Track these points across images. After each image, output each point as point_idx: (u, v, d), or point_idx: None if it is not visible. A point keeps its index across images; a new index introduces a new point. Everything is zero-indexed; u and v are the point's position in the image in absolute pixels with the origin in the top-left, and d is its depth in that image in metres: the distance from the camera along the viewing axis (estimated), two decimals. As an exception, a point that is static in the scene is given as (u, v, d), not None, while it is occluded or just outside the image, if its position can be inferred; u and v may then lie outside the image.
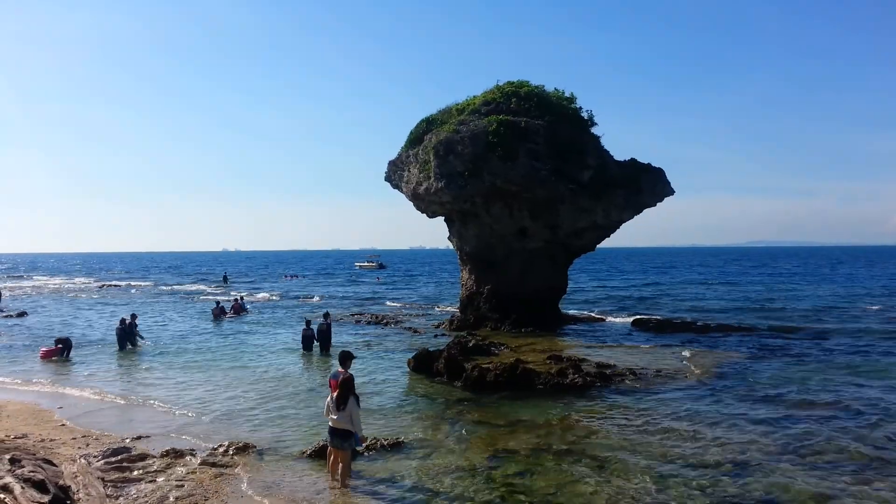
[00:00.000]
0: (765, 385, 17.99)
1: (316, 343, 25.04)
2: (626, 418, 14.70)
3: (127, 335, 26.14)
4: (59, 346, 24.03)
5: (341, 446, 10.47)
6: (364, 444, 11.93)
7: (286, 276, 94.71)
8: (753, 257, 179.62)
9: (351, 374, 10.87)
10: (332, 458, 10.82)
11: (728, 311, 39.85)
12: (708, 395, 16.84)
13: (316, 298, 53.83)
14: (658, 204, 31.89)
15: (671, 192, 31.90)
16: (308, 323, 26.04)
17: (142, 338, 26.78)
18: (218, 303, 41.02)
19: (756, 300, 47.08)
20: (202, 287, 72.13)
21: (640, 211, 31.46)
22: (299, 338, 25.65)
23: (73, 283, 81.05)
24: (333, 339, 25.56)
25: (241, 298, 45.17)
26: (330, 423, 10.53)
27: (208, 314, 39.58)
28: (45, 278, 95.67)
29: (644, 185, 30.84)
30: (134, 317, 27.71)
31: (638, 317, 35.67)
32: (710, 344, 25.88)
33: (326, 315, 26.96)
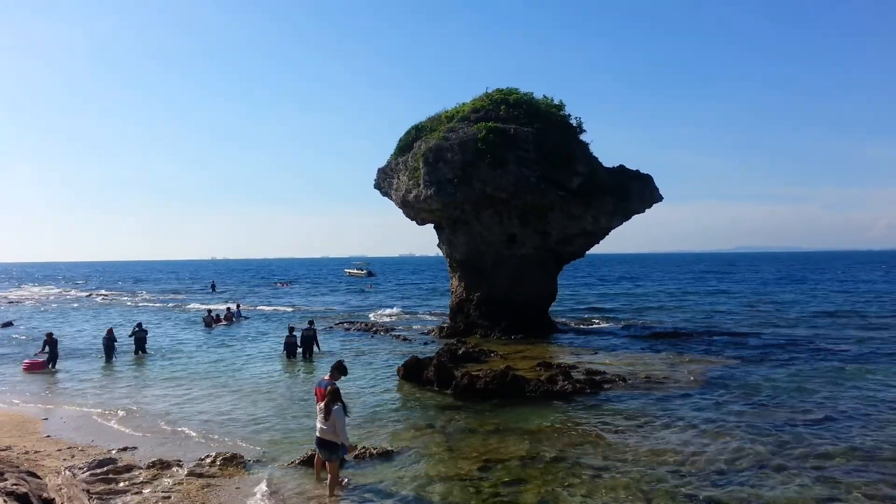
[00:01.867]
0: (754, 391, 18.02)
1: (299, 349, 25.27)
2: (615, 425, 14.68)
3: (137, 343, 26.87)
4: (45, 355, 23.69)
5: (328, 458, 10.40)
6: (353, 454, 11.83)
7: (278, 284, 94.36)
8: (743, 263, 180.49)
9: (336, 385, 10.72)
10: (318, 461, 10.92)
11: (719, 317, 40.00)
12: (697, 402, 16.85)
13: (280, 308, 52.65)
14: (646, 210, 32.02)
15: (659, 198, 32.04)
16: (291, 330, 26.13)
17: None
18: (210, 311, 41.02)
19: (747, 306, 47.28)
20: (189, 296, 71.70)
21: (629, 217, 31.57)
22: (283, 346, 25.70)
23: (61, 293, 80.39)
24: (323, 347, 25.67)
25: (238, 307, 45.40)
26: (317, 434, 10.47)
27: (195, 323, 39.36)
28: (34, 288, 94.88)
29: (633, 192, 30.96)
30: (140, 325, 28.06)
31: (628, 323, 35.75)
32: (700, 350, 25.93)
33: (311, 322, 27.15)
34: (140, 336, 27.10)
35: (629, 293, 64.36)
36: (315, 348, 25.47)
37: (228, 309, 43.07)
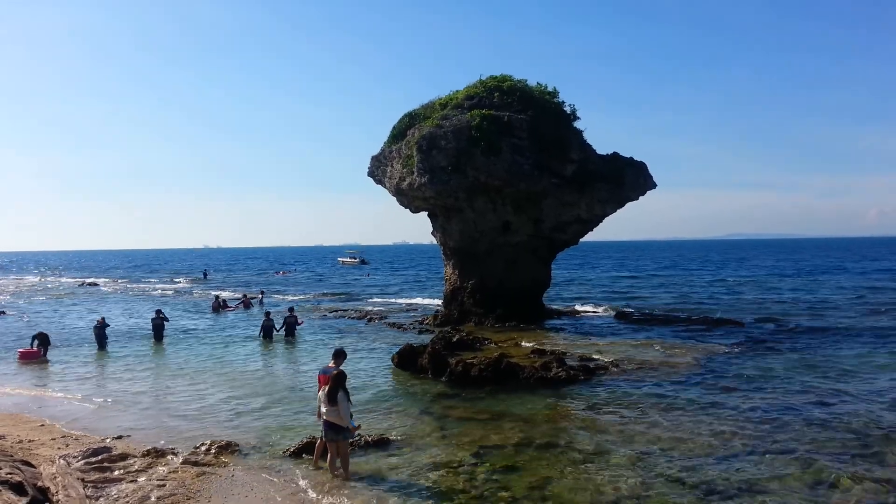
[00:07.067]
0: (747, 377, 18.10)
1: (276, 332, 26.54)
2: (609, 411, 14.76)
3: (156, 331, 26.97)
4: (38, 346, 23.60)
5: (335, 439, 10.61)
6: (357, 427, 11.65)
7: (278, 273, 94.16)
8: (736, 250, 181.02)
9: (342, 370, 10.98)
10: (319, 447, 11.15)
11: (713, 304, 40.13)
12: (690, 387, 16.95)
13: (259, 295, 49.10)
14: (640, 198, 32.01)
15: (653, 185, 32.03)
16: (268, 315, 27.22)
17: (156, 338, 27.00)
18: (217, 297, 41.60)
19: (741, 293, 47.47)
20: (182, 284, 71.54)
21: (623, 204, 31.58)
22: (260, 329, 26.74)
23: (53, 282, 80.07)
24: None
25: (262, 294, 46.70)
26: (324, 417, 10.65)
27: (189, 311, 39.33)
28: (29, 277, 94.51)
29: (627, 179, 30.95)
30: (160, 312, 28.17)
31: (621, 310, 35.84)
32: (693, 336, 26.05)
33: (291, 309, 28.72)
34: (157, 324, 27.17)
35: (623, 280, 64.49)
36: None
37: (244, 295, 44.35)
